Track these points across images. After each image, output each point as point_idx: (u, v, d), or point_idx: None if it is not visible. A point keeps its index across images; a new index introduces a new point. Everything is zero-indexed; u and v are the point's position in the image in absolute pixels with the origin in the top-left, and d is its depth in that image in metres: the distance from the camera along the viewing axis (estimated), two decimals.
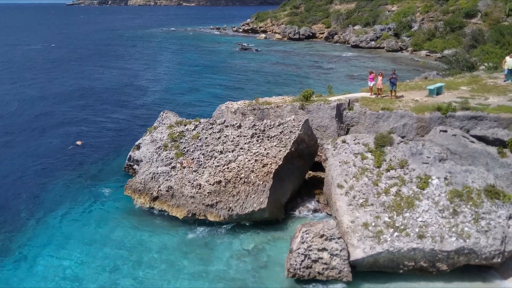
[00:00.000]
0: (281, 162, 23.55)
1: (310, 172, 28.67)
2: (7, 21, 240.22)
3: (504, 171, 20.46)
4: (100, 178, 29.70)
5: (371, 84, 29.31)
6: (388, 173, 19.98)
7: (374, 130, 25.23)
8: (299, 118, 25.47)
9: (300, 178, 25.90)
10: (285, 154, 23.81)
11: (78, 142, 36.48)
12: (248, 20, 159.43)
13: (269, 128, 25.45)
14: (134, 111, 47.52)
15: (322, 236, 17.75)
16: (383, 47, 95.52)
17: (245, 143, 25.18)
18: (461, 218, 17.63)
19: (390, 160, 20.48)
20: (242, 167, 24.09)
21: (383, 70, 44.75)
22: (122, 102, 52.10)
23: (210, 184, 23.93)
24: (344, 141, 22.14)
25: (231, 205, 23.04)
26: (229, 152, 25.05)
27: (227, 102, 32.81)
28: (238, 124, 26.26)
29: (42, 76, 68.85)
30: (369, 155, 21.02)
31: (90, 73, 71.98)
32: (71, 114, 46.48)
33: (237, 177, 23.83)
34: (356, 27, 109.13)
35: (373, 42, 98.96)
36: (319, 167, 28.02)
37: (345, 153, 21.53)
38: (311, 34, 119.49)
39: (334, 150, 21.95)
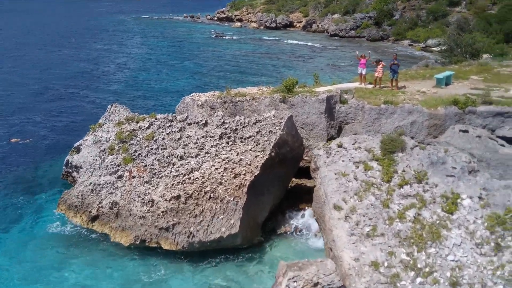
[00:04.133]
0: (258, 172, 18.24)
1: (294, 179, 23.53)
2: None
3: None
4: (32, 188, 23.75)
5: (362, 71, 24.05)
6: (402, 189, 14.89)
7: (375, 130, 20.17)
8: (280, 114, 20.16)
9: (282, 189, 20.68)
10: (263, 161, 18.50)
11: (13, 140, 30.32)
12: (224, 8, 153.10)
13: (243, 127, 20.09)
14: (87, 105, 40.90)
15: (316, 284, 12.55)
16: (363, 37, 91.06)
17: (212, 146, 19.76)
18: (508, 255, 12.70)
19: (403, 171, 15.39)
20: (208, 178, 18.67)
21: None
22: (74, 93, 45.38)
23: (166, 200, 18.42)
24: (340, 145, 16.93)
25: (192, 229, 17.60)
26: (191, 157, 19.57)
27: (192, 94, 27.26)
28: (203, 122, 20.80)
29: None
30: (374, 164, 15.88)
31: (42, 61, 64.41)
32: (9, 105, 39.70)
33: (200, 191, 18.40)
34: (335, 16, 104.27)
35: (353, 31, 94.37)
36: (304, 172, 22.82)
37: (343, 161, 16.34)
38: (288, 23, 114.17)
39: (327, 157, 16.72)
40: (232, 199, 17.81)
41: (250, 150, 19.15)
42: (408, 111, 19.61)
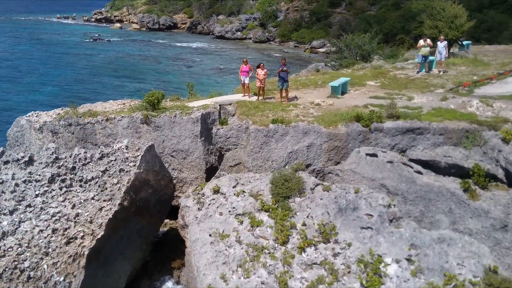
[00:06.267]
0: (102, 233, 12.64)
1: (166, 220, 18.32)
2: None
3: (481, 223, 12.34)
4: None
5: (246, 79, 19.24)
6: (304, 255, 10.43)
7: (263, 157, 15.64)
8: (136, 144, 14.75)
9: (145, 246, 15.21)
10: (110, 216, 12.93)
11: None
12: (102, 8, 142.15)
13: (83, 164, 14.29)
14: None
15: None
16: (250, 38, 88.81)
17: (37, 195, 13.65)
18: None
19: (304, 225, 10.96)
20: (28, 247, 12.57)
21: (253, 62, 35.04)
22: None
23: None
24: (217, 191, 12.05)
25: None
26: (4, 215, 13.27)
27: (30, 113, 20.86)
28: (27, 158, 14.57)
29: None
30: (264, 217, 11.25)
31: None
32: None
33: (15, 269, 12.23)
34: (220, 17, 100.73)
35: (239, 33, 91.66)
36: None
37: (221, 214, 11.47)
38: (172, 24, 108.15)
39: (199, 209, 11.76)
40: (62, 278, 12.00)
41: (93, 198, 13.45)
42: (303, 131, 15.38)
